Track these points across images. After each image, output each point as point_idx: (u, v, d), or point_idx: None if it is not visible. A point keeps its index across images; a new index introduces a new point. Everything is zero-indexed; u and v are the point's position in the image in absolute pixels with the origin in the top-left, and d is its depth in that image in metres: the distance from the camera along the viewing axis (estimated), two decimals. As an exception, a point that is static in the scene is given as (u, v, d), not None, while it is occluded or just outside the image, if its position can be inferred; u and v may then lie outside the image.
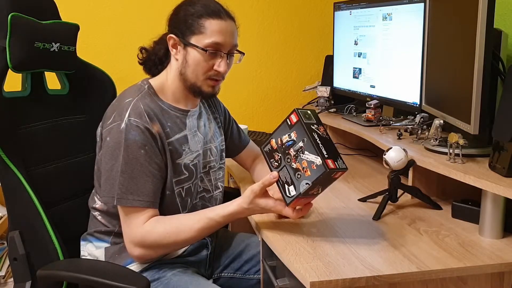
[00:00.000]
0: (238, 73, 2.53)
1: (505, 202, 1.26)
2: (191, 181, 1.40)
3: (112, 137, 1.29)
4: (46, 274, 1.27)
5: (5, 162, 1.32)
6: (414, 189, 1.50)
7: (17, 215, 1.38)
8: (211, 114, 1.57)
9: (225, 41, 1.35)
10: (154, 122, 1.31)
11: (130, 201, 1.27)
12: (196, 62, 1.35)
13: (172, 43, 1.37)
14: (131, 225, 1.29)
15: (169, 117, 1.37)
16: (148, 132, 1.29)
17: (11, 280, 2.19)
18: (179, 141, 1.37)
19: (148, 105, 1.33)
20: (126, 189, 1.27)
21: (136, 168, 1.27)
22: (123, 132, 1.27)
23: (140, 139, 1.28)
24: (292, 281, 1.18)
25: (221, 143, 1.56)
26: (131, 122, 1.28)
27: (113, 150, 1.29)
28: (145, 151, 1.28)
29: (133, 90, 1.38)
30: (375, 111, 2.01)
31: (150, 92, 1.38)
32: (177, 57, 1.38)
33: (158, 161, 1.31)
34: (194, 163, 1.41)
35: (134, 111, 1.30)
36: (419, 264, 1.12)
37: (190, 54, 1.35)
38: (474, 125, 1.33)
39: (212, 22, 1.33)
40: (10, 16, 1.33)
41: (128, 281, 1.19)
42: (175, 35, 1.36)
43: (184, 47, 1.35)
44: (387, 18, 1.97)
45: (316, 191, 1.21)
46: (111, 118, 1.31)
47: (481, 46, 1.28)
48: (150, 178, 1.29)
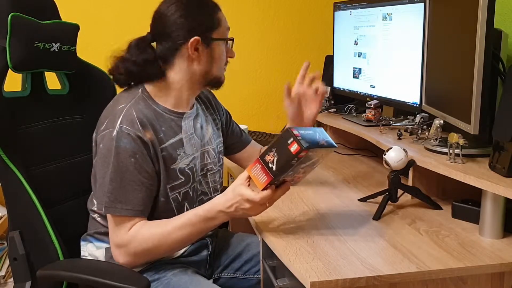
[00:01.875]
0: (238, 73, 2.53)
1: (505, 202, 1.26)
2: (188, 185, 1.39)
3: (104, 144, 1.29)
4: (46, 274, 1.27)
5: (5, 162, 1.32)
6: (414, 189, 1.50)
7: (17, 215, 1.38)
8: (209, 115, 1.56)
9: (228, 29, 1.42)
10: (146, 129, 1.29)
11: (118, 209, 1.27)
12: (221, 56, 1.40)
13: (194, 47, 1.34)
14: (117, 232, 1.28)
15: (164, 121, 1.36)
16: (140, 140, 1.27)
17: (11, 280, 2.19)
18: (173, 146, 1.36)
19: (142, 110, 1.31)
20: (115, 197, 1.26)
21: (125, 176, 1.26)
22: (114, 139, 1.27)
23: (130, 147, 1.26)
24: (292, 281, 1.18)
25: (219, 145, 1.55)
26: (123, 130, 1.27)
27: (105, 157, 1.28)
28: (136, 159, 1.27)
29: (126, 95, 1.36)
30: (375, 111, 2.01)
31: (145, 96, 1.36)
32: (200, 59, 1.36)
33: (149, 169, 1.29)
34: (190, 166, 1.39)
35: (126, 118, 1.28)
36: (419, 264, 1.12)
37: (215, 49, 1.38)
38: (474, 125, 1.33)
39: (220, 13, 1.39)
40: (10, 16, 1.33)
41: (128, 281, 1.19)
42: (198, 37, 1.33)
43: (208, 46, 1.36)
44: (387, 18, 1.96)
45: (272, 158, 1.18)
46: (104, 124, 1.31)
47: (481, 46, 1.28)
48: (139, 187, 1.28)
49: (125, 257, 1.29)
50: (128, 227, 1.27)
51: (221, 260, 1.56)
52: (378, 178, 1.76)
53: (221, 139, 1.58)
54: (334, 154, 2.13)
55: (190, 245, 1.43)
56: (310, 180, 1.74)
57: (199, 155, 1.44)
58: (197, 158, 1.43)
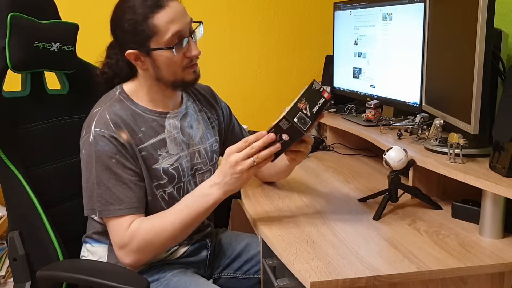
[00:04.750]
0: (238, 73, 2.53)
1: (505, 202, 1.26)
2: (172, 185, 1.37)
3: (85, 150, 1.29)
4: (45, 274, 1.27)
5: (5, 162, 1.32)
6: (414, 189, 1.50)
7: (17, 215, 1.38)
8: (204, 114, 1.54)
9: (181, 25, 1.28)
10: (121, 130, 1.29)
11: (111, 211, 1.26)
12: (168, 62, 1.30)
13: (134, 57, 1.31)
14: (117, 233, 1.28)
15: (144, 121, 1.34)
16: (115, 141, 1.27)
17: (11, 280, 2.19)
18: (154, 145, 1.34)
19: (116, 112, 1.30)
20: (106, 200, 1.26)
21: (110, 178, 1.26)
22: (92, 144, 1.27)
23: (109, 149, 1.26)
24: (292, 281, 1.17)
25: (213, 144, 1.53)
26: (98, 133, 1.27)
27: (87, 163, 1.29)
28: (116, 160, 1.27)
29: (103, 99, 1.36)
30: (375, 111, 2.01)
31: (122, 97, 1.35)
32: (145, 68, 1.33)
33: (132, 166, 1.29)
34: (175, 166, 1.38)
35: (99, 122, 1.28)
36: (419, 264, 1.12)
37: (158, 58, 1.29)
38: (474, 125, 1.33)
39: (159, 16, 1.25)
40: (9, 16, 1.32)
41: (128, 281, 1.19)
42: (134, 49, 1.29)
43: (148, 56, 1.30)
44: (387, 18, 1.97)
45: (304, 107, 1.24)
46: (84, 130, 1.31)
47: (481, 46, 1.28)
48: (126, 185, 1.27)
49: (129, 256, 1.27)
50: (126, 226, 1.27)
51: (221, 260, 1.56)
52: (378, 178, 1.76)
53: (216, 138, 1.56)
54: (334, 154, 2.13)
55: (190, 245, 1.43)
56: (310, 180, 1.74)
57: (187, 154, 1.43)
58: (184, 158, 1.41)
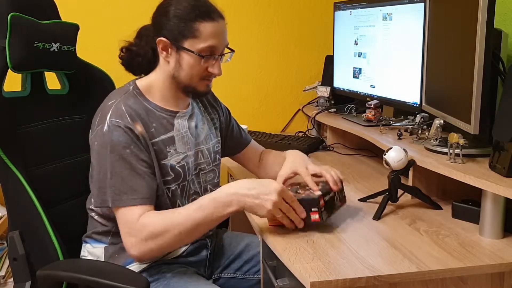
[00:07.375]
0: (238, 73, 2.53)
1: (505, 202, 1.26)
2: (176, 183, 1.38)
3: (98, 141, 1.29)
4: (46, 274, 1.27)
5: (5, 162, 1.32)
6: (414, 189, 1.50)
7: (17, 215, 1.38)
8: (207, 115, 1.55)
9: (219, 43, 1.33)
10: (136, 122, 1.30)
11: (124, 201, 1.26)
12: (190, 66, 1.33)
13: (162, 46, 1.33)
14: (127, 223, 1.26)
15: (155, 118, 1.36)
16: (131, 132, 1.28)
17: (11, 280, 2.19)
18: (164, 142, 1.36)
19: (131, 106, 1.32)
20: (119, 190, 1.26)
21: (125, 167, 1.26)
22: (106, 134, 1.27)
23: (124, 139, 1.27)
24: (292, 281, 1.17)
25: (215, 145, 1.54)
26: (113, 123, 1.27)
27: (100, 154, 1.29)
28: (131, 150, 1.27)
29: (117, 93, 1.37)
30: (375, 111, 2.01)
31: (135, 93, 1.36)
32: (168, 60, 1.35)
33: (146, 158, 1.30)
34: (182, 164, 1.39)
35: (115, 113, 1.29)
36: (419, 264, 1.12)
37: (184, 58, 1.32)
38: (474, 125, 1.33)
39: (206, 25, 1.30)
40: (10, 16, 1.33)
41: (128, 281, 1.19)
42: (166, 39, 1.32)
43: (177, 51, 1.33)
44: (387, 18, 1.97)
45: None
46: (96, 122, 1.31)
47: (481, 46, 1.28)
48: (140, 175, 1.27)
49: (138, 246, 1.24)
50: (137, 216, 1.24)
51: (221, 260, 1.56)
52: (378, 178, 1.76)
53: (218, 139, 1.57)
54: (334, 154, 2.13)
55: (190, 245, 1.43)
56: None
57: (193, 153, 1.43)
58: (190, 157, 1.42)
